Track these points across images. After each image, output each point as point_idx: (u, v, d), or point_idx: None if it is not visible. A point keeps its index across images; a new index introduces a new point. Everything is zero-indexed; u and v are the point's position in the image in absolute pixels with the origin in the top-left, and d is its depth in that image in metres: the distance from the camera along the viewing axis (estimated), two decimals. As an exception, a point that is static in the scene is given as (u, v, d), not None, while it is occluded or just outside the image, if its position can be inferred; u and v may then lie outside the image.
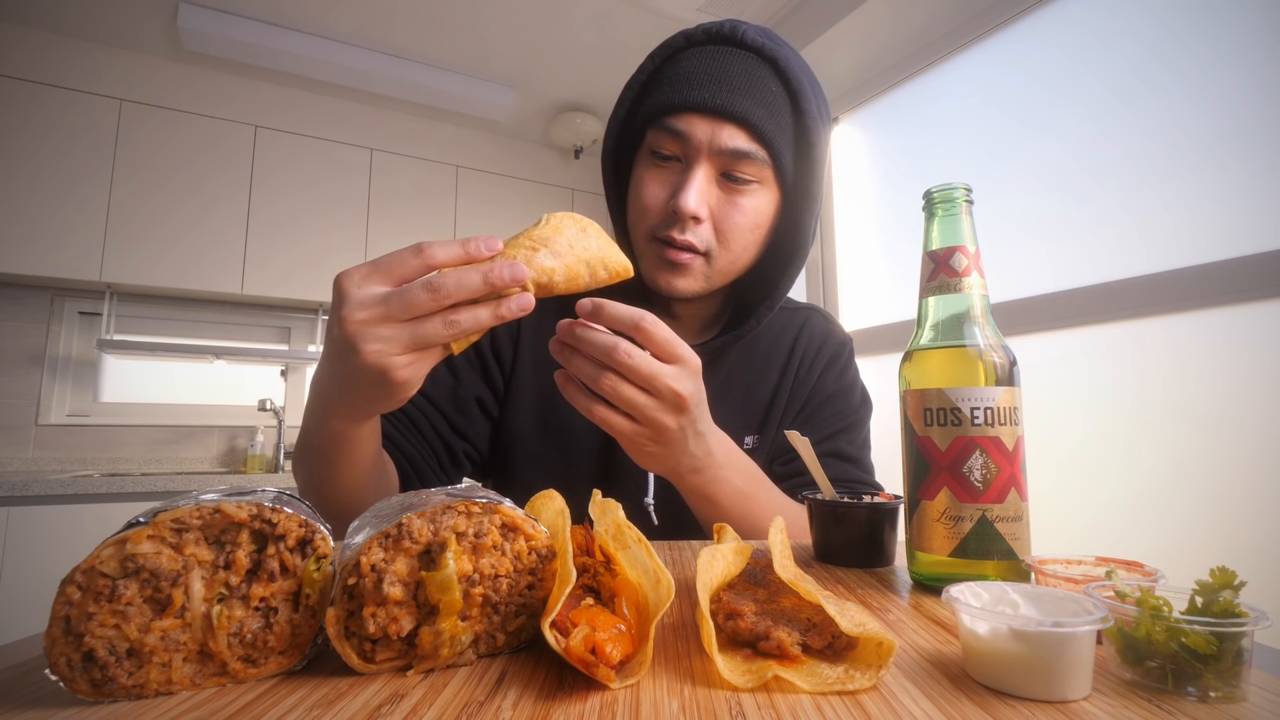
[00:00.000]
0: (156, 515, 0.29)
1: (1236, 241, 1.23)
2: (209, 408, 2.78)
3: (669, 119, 0.68)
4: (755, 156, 0.67)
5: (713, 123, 0.66)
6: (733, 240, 0.69)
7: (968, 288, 0.45)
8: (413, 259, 0.45)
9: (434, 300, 0.44)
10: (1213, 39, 1.31)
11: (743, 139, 0.66)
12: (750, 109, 0.66)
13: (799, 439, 0.55)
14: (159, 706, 0.27)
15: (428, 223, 3.00)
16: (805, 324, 0.85)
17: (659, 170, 0.70)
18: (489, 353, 0.78)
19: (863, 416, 0.83)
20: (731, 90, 0.66)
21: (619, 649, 0.29)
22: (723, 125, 0.66)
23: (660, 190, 0.69)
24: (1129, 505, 1.33)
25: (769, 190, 0.71)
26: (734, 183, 0.68)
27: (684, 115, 0.67)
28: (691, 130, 0.67)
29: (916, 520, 0.45)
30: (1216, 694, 0.27)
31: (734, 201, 0.69)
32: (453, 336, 0.45)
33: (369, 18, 2.41)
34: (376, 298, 0.44)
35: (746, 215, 0.69)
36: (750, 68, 0.68)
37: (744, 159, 0.67)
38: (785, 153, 0.69)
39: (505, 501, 0.34)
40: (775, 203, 0.72)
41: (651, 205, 0.70)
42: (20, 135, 2.30)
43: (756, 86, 0.67)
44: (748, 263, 0.73)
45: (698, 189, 0.66)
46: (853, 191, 2.27)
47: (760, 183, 0.69)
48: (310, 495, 0.62)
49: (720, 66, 0.68)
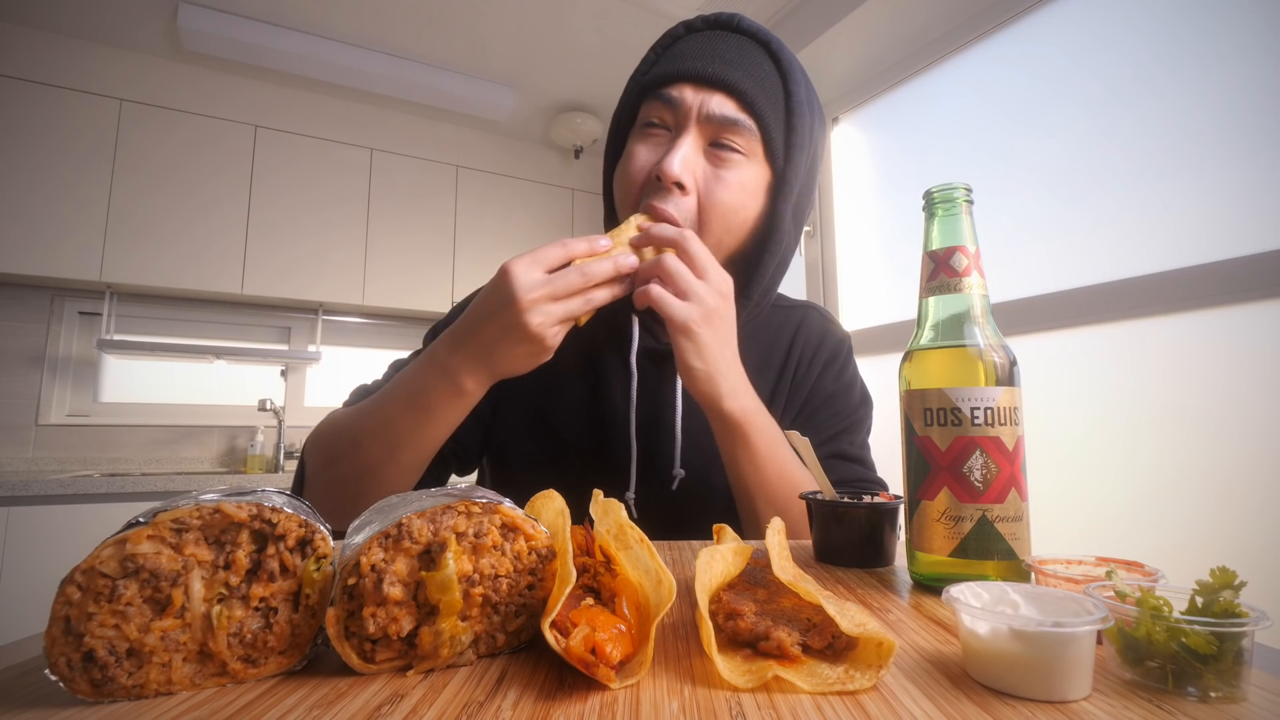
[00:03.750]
0: (156, 515, 0.29)
1: (1236, 241, 1.23)
2: (209, 408, 2.78)
3: (661, 88, 0.69)
4: (743, 125, 0.66)
5: (702, 90, 0.67)
6: (716, 219, 0.68)
7: (968, 288, 0.45)
8: (560, 250, 0.59)
9: (584, 282, 0.58)
10: (1213, 39, 1.31)
11: (731, 106, 0.66)
12: (740, 79, 0.66)
13: (799, 439, 0.55)
14: (159, 706, 0.27)
15: (428, 222, 3.00)
16: (803, 322, 0.84)
17: (648, 138, 0.70)
18: None
19: (863, 416, 0.82)
20: (724, 62, 0.67)
21: (619, 649, 0.29)
22: (712, 93, 0.67)
23: (649, 155, 0.69)
24: (1129, 505, 1.33)
25: (757, 165, 0.69)
26: (722, 150, 0.67)
27: (675, 85, 0.68)
28: (682, 96, 0.67)
29: (916, 520, 0.45)
30: (1216, 694, 0.27)
31: (720, 175, 0.67)
32: (589, 310, 0.60)
33: (369, 18, 2.41)
34: (542, 280, 0.57)
35: (732, 191, 0.68)
36: (744, 47, 0.69)
37: (732, 127, 0.66)
38: (775, 127, 0.68)
39: (505, 501, 0.34)
40: (765, 183, 0.70)
41: (638, 171, 0.69)
42: (20, 135, 2.31)
43: (749, 62, 0.68)
44: (732, 249, 0.71)
45: (683, 154, 0.66)
46: (853, 191, 2.27)
47: (748, 155, 0.68)
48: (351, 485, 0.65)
49: (715, 45, 0.69)
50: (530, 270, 0.57)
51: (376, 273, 2.85)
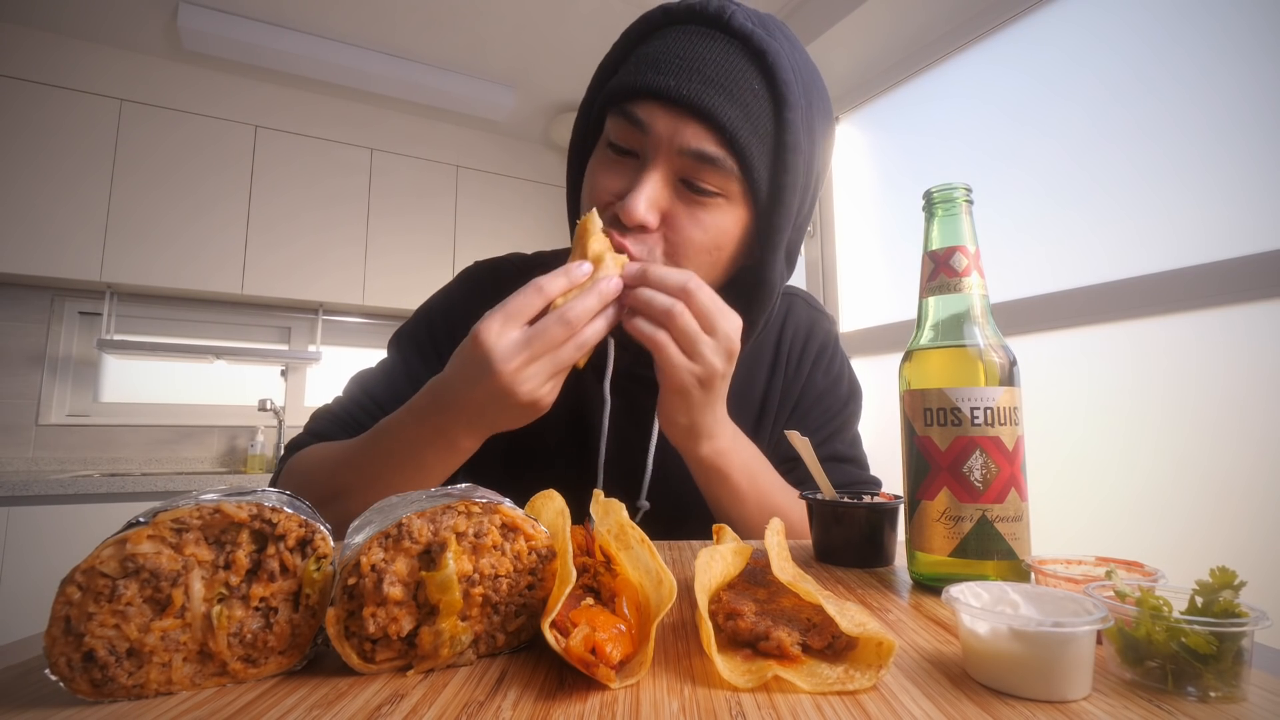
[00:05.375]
0: (156, 515, 0.29)
1: (1236, 241, 1.23)
2: (209, 408, 2.78)
3: (628, 104, 0.58)
4: (721, 165, 0.57)
5: (676, 117, 0.56)
6: (682, 259, 0.60)
7: (968, 288, 0.45)
8: (536, 299, 0.51)
9: (568, 330, 0.51)
10: (1213, 39, 1.31)
11: (709, 141, 0.56)
12: (722, 106, 0.56)
13: (799, 439, 0.55)
14: (159, 706, 0.27)
15: (428, 222, 3.00)
16: (789, 313, 0.80)
17: (613, 164, 0.61)
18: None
19: (853, 410, 0.80)
20: (703, 81, 0.56)
21: (619, 649, 0.29)
22: (688, 121, 0.56)
23: (612, 185, 0.61)
24: (1129, 505, 1.33)
25: (735, 208, 0.60)
26: (695, 193, 0.58)
27: (645, 103, 0.57)
28: (652, 121, 0.57)
29: (916, 520, 0.45)
30: (1216, 694, 0.27)
31: (692, 214, 0.59)
32: (582, 354, 0.53)
33: (369, 18, 2.41)
34: (519, 343, 0.50)
35: (705, 232, 0.60)
36: (730, 58, 0.57)
37: (708, 166, 0.57)
38: (760, 166, 0.58)
39: (505, 501, 0.34)
40: (742, 223, 0.62)
41: (601, 202, 0.61)
42: (21, 135, 2.31)
43: (734, 80, 0.57)
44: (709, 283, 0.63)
45: (648, 194, 0.57)
46: (853, 191, 2.27)
47: (726, 197, 0.59)
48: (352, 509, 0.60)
49: (695, 51, 0.57)
50: (504, 333, 0.50)
51: (376, 272, 2.85)
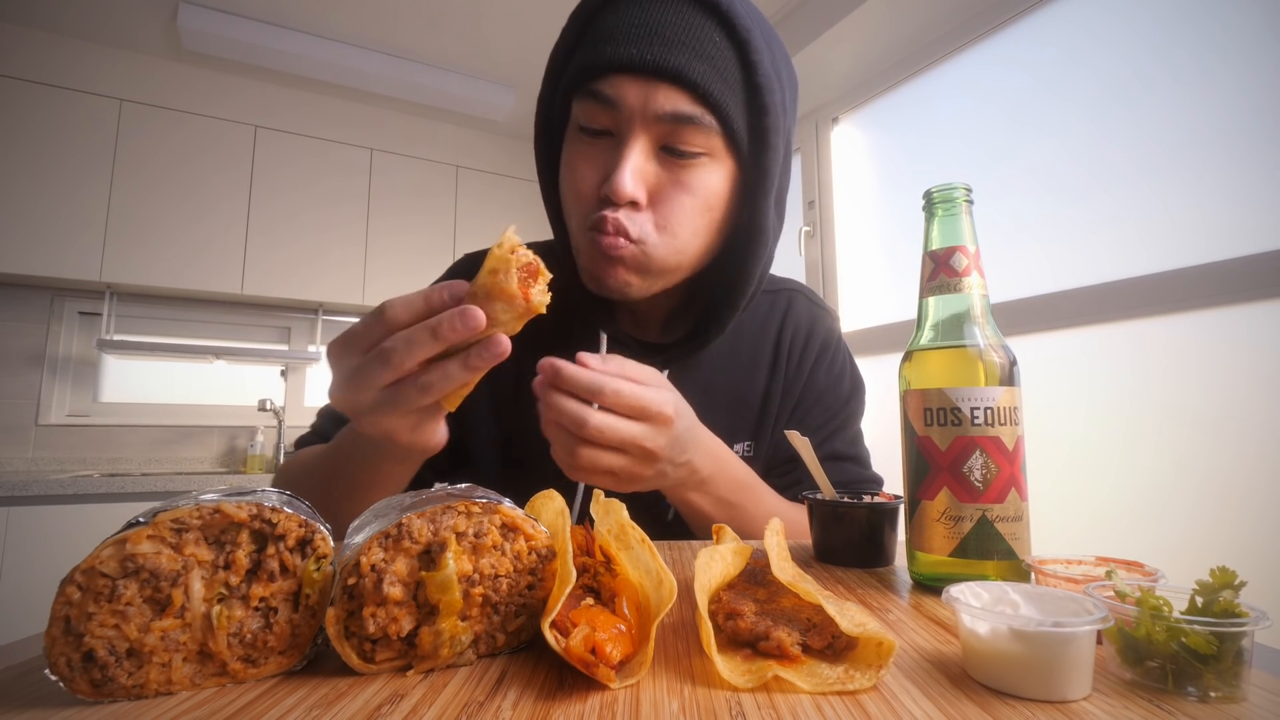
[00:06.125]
0: (156, 515, 0.29)
1: (1236, 241, 1.23)
2: (209, 408, 2.78)
3: (594, 84, 0.57)
4: (700, 121, 0.56)
5: (645, 84, 0.55)
6: (677, 227, 0.59)
7: (968, 288, 0.45)
8: (376, 325, 0.42)
9: (391, 370, 0.41)
10: (1213, 39, 1.31)
11: (684, 101, 0.55)
12: (689, 63, 0.54)
13: (799, 439, 0.55)
14: (159, 706, 0.27)
15: (427, 222, 3.00)
16: (789, 309, 0.78)
17: (589, 148, 0.59)
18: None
19: (855, 408, 0.79)
20: (664, 43, 0.54)
21: (619, 649, 0.29)
22: (657, 86, 0.55)
23: (592, 172, 0.59)
24: (1129, 505, 1.33)
25: (721, 164, 0.59)
26: (678, 157, 0.57)
27: (611, 78, 0.56)
28: (621, 96, 0.55)
29: (916, 520, 0.45)
30: (1216, 694, 0.27)
31: (678, 179, 0.58)
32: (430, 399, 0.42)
33: (369, 18, 2.41)
34: (348, 373, 0.43)
35: (695, 195, 0.58)
36: (685, 16, 0.56)
37: (687, 125, 0.55)
38: (736, 116, 0.57)
39: (505, 501, 0.34)
40: (731, 178, 0.61)
41: (584, 191, 0.59)
42: (21, 136, 2.31)
43: (694, 36, 0.55)
44: (699, 252, 0.63)
45: (632, 168, 0.56)
46: (853, 191, 2.27)
47: (710, 154, 0.58)
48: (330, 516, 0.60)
49: (649, 16, 0.56)
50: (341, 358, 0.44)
51: (376, 273, 2.85)
